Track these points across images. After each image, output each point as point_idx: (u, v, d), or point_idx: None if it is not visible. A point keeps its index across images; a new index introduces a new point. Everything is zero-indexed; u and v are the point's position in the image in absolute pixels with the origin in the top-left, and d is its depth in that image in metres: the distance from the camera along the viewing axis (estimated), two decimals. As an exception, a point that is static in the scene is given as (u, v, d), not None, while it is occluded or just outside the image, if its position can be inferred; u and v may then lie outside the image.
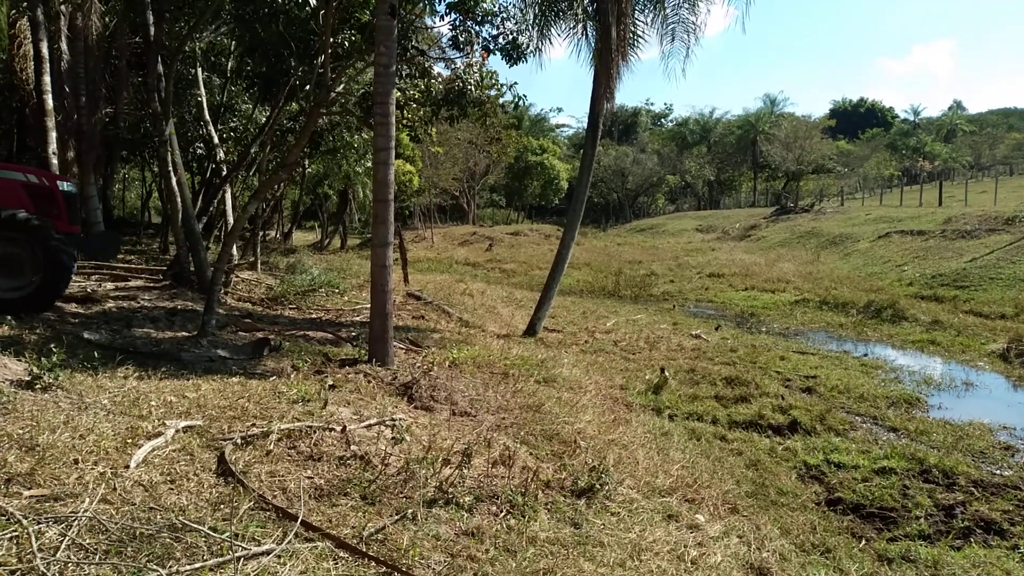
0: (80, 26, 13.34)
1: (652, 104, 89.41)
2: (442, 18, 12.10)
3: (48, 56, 12.44)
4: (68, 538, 3.12)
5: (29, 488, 3.57)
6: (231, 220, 16.01)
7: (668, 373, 10.04)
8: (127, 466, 4.00)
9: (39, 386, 5.21)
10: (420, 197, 43.08)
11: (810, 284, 22.41)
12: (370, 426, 5.45)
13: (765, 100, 71.86)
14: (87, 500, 3.50)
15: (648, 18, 14.20)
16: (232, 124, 19.38)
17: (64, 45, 13.13)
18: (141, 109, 14.77)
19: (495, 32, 12.17)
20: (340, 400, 6.18)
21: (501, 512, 4.37)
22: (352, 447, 4.93)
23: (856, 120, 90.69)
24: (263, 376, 6.92)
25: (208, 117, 16.47)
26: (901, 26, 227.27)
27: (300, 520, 3.66)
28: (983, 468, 7.13)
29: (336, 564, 3.39)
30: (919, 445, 7.73)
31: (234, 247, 14.87)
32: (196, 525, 3.42)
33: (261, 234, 21.00)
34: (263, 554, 3.28)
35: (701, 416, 8.75)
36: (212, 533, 3.37)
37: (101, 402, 5.21)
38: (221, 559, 3.16)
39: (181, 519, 3.47)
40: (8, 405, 4.67)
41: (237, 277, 14.89)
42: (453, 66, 13.21)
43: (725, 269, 27.08)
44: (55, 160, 12.21)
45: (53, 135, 12.31)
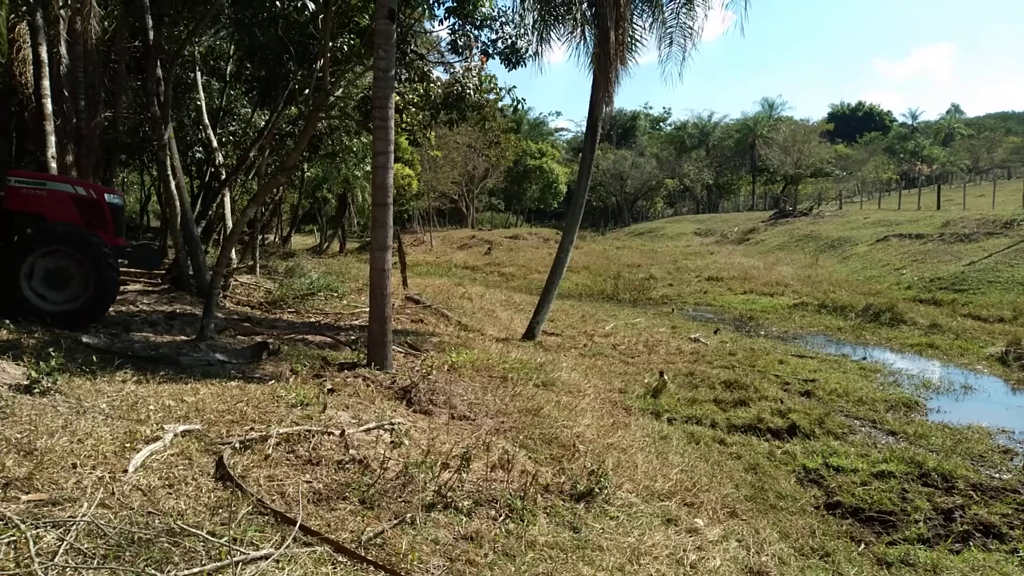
0: (79, 30, 13.33)
1: (651, 108, 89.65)
2: (441, 22, 12.15)
3: (47, 60, 12.43)
4: (66, 543, 3.12)
5: (27, 492, 3.57)
6: (230, 224, 16.01)
7: (667, 377, 10.03)
8: (125, 470, 4.00)
9: (37, 390, 5.20)
10: (419, 201, 43.15)
11: (808, 288, 22.43)
12: (369, 430, 5.45)
13: (763, 104, 72.11)
14: (85, 504, 3.49)
15: (646, 22, 14.26)
16: (231, 128, 19.39)
17: (63, 49, 13.13)
18: (140, 113, 14.78)
19: (494, 36, 12.24)
20: (339, 404, 6.18)
21: (500, 516, 4.37)
22: (351, 451, 4.93)
23: (854, 124, 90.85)
24: (262, 380, 6.92)
25: (207, 121, 16.49)
26: (899, 29, 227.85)
27: (299, 524, 3.66)
28: (982, 472, 7.13)
29: (335, 568, 3.38)
30: (918, 449, 7.73)
31: (233, 251, 14.88)
32: (194, 529, 3.42)
33: (260, 238, 21.00)
34: (261, 558, 3.27)
35: (700, 420, 8.74)
36: (210, 538, 3.36)
37: (99, 406, 5.21)
38: (219, 564, 3.16)
39: (179, 523, 3.46)
40: (6, 409, 4.66)
41: (236, 281, 14.89)
42: (452, 70, 13.27)
43: (724, 273, 27.12)
44: (54, 164, 12.19)
45: (52, 139, 12.29)
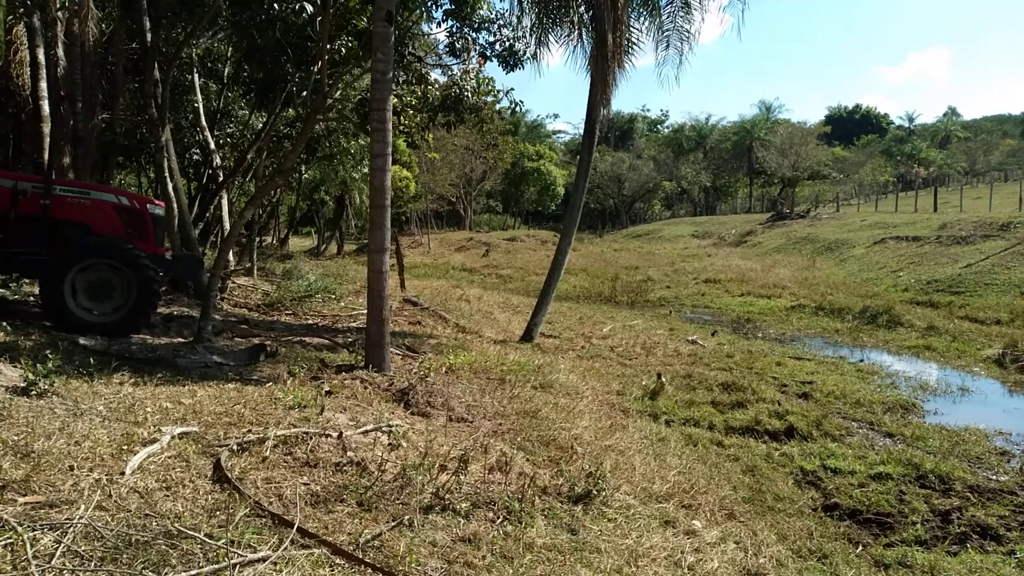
0: (77, 32, 13.31)
1: (648, 110, 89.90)
2: (439, 25, 12.16)
3: (44, 62, 12.43)
4: (63, 545, 3.11)
5: (24, 495, 3.55)
6: (227, 226, 16.00)
7: (665, 379, 10.04)
8: (122, 473, 3.99)
9: (34, 392, 5.19)
10: (417, 203, 43.15)
11: (806, 290, 22.46)
12: (366, 432, 5.44)
13: (761, 106, 72.31)
14: (82, 507, 3.48)
15: (643, 25, 14.29)
16: (229, 130, 19.37)
17: (60, 51, 13.11)
18: (138, 115, 14.75)
19: (492, 39, 12.24)
20: (336, 406, 6.17)
21: (498, 518, 4.36)
22: (348, 453, 4.92)
23: (851, 126, 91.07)
24: (259, 382, 6.91)
25: (205, 123, 16.48)
26: (896, 33, 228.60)
27: (296, 527, 3.65)
28: (979, 473, 7.14)
29: (332, 571, 3.38)
30: (915, 450, 7.74)
31: (230, 253, 14.86)
32: (192, 532, 3.41)
33: (257, 240, 20.98)
34: (259, 561, 3.27)
35: (698, 422, 8.75)
36: (208, 540, 3.35)
37: (97, 408, 5.20)
38: (217, 566, 3.15)
39: (177, 526, 3.45)
40: (3, 411, 4.65)
41: (233, 283, 14.88)
42: (450, 72, 13.27)
43: (721, 275, 27.15)
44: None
45: (49, 141, 12.28)
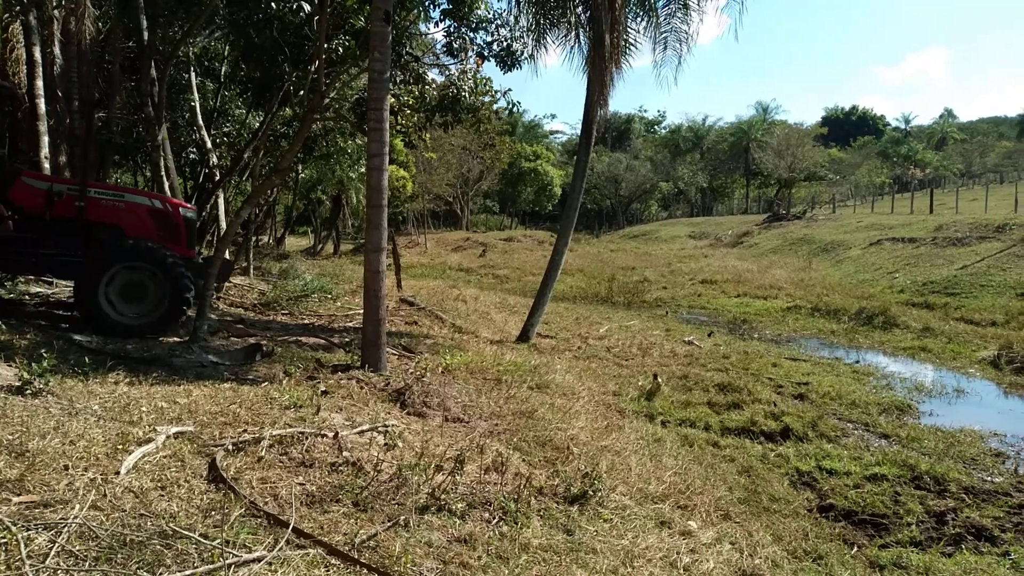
0: (73, 30, 13.29)
1: (645, 111, 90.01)
2: (436, 25, 12.13)
3: (41, 60, 12.39)
4: (58, 545, 3.10)
5: (18, 494, 3.54)
6: (224, 225, 15.97)
7: (661, 379, 10.05)
8: (117, 472, 3.97)
9: (29, 391, 5.17)
10: (414, 203, 43.10)
11: (802, 291, 22.51)
12: (362, 432, 5.43)
13: (757, 107, 72.40)
14: (77, 506, 3.47)
15: (640, 26, 14.31)
16: (225, 129, 19.31)
17: (57, 49, 13.09)
18: (134, 114, 14.71)
19: (489, 39, 12.22)
20: (332, 406, 6.16)
21: (494, 519, 4.36)
22: (344, 453, 4.91)
23: (848, 128, 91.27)
24: (255, 382, 6.89)
25: (201, 122, 16.43)
26: (894, 34, 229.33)
27: (292, 527, 3.64)
28: (974, 475, 7.16)
29: (328, 571, 3.37)
30: (910, 452, 7.77)
31: (227, 252, 14.82)
32: (187, 532, 3.40)
33: (254, 239, 20.95)
34: (254, 561, 3.26)
35: (694, 422, 8.76)
36: (203, 540, 3.35)
37: (92, 408, 5.18)
38: (212, 566, 3.14)
39: (172, 526, 3.44)
40: (-2, 411, 4.63)
41: (229, 282, 14.84)
42: (447, 72, 13.25)
43: (718, 275, 27.20)
44: (47, 164, 12.14)
45: (45, 139, 12.24)
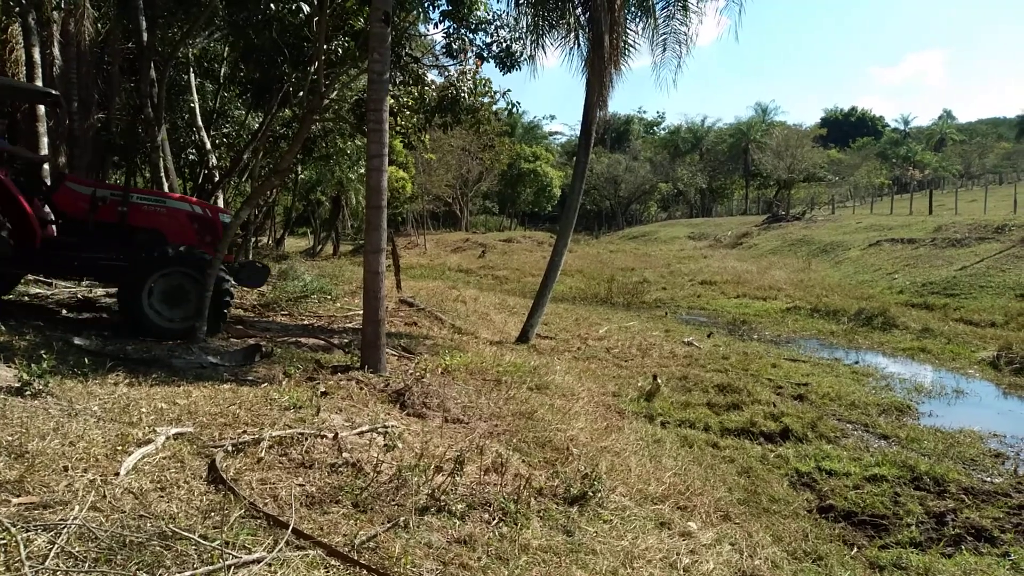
0: (72, 31, 13.31)
1: (645, 112, 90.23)
2: (436, 26, 12.14)
3: (40, 61, 12.41)
4: (57, 546, 3.09)
5: (18, 495, 3.53)
6: (223, 226, 15.93)
7: (660, 380, 10.05)
8: (117, 473, 3.97)
9: (29, 392, 5.16)
10: (413, 204, 43.11)
11: (801, 292, 22.52)
12: (362, 433, 5.43)
13: (756, 109, 72.60)
14: (77, 508, 3.46)
15: (639, 27, 14.31)
16: (225, 130, 19.33)
17: (56, 50, 13.10)
18: (133, 115, 14.72)
19: (489, 40, 12.23)
20: (332, 407, 6.16)
21: (493, 520, 4.36)
22: (344, 454, 4.91)
23: (847, 129, 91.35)
24: (254, 383, 6.89)
25: (201, 123, 16.43)
26: (893, 35, 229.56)
27: (291, 528, 3.64)
28: (974, 475, 7.16)
29: (327, 572, 3.37)
30: (910, 452, 7.77)
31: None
32: (186, 533, 3.39)
33: (253, 240, 20.94)
34: (254, 562, 3.26)
35: (693, 423, 8.76)
36: (202, 541, 3.34)
37: (91, 409, 5.17)
38: (211, 567, 3.14)
39: (171, 527, 3.44)
40: (-3, 412, 4.63)
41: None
42: (447, 73, 13.26)
43: (717, 276, 27.21)
44: (46, 166, 12.14)
45: (45, 140, 12.26)
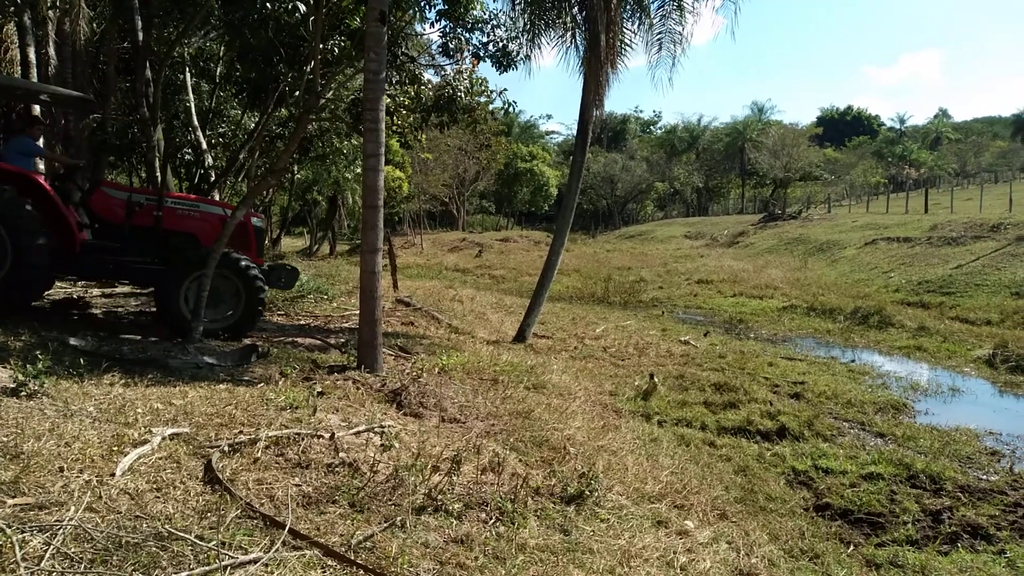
0: (68, 31, 13.27)
1: (641, 111, 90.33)
2: (432, 25, 12.14)
3: (35, 61, 12.38)
4: (53, 547, 3.09)
5: (13, 496, 3.53)
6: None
7: (657, 379, 10.05)
8: (113, 474, 3.96)
9: (24, 393, 5.15)
10: (410, 203, 43.08)
11: (798, 290, 22.56)
12: (359, 433, 5.42)
13: (753, 108, 72.69)
14: (72, 508, 3.46)
15: (636, 27, 14.32)
16: (221, 130, 19.28)
17: (52, 50, 13.06)
18: (129, 114, 14.68)
19: (485, 39, 12.23)
20: (328, 407, 6.15)
21: (490, 519, 4.36)
22: (341, 454, 4.90)
23: (843, 128, 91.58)
24: (251, 383, 6.87)
25: (196, 122, 16.39)
26: (889, 34, 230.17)
27: (288, 528, 3.63)
28: (970, 473, 7.18)
29: (324, 572, 3.37)
30: (906, 451, 7.78)
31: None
32: (182, 533, 3.39)
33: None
34: (250, 562, 3.25)
35: (690, 422, 8.76)
36: (198, 542, 3.34)
37: (87, 409, 5.16)
38: (208, 568, 3.13)
39: (167, 527, 3.43)
40: (-8, 412, 4.61)
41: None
42: (443, 73, 13.25)
43: (713, 275, 27.23)
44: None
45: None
